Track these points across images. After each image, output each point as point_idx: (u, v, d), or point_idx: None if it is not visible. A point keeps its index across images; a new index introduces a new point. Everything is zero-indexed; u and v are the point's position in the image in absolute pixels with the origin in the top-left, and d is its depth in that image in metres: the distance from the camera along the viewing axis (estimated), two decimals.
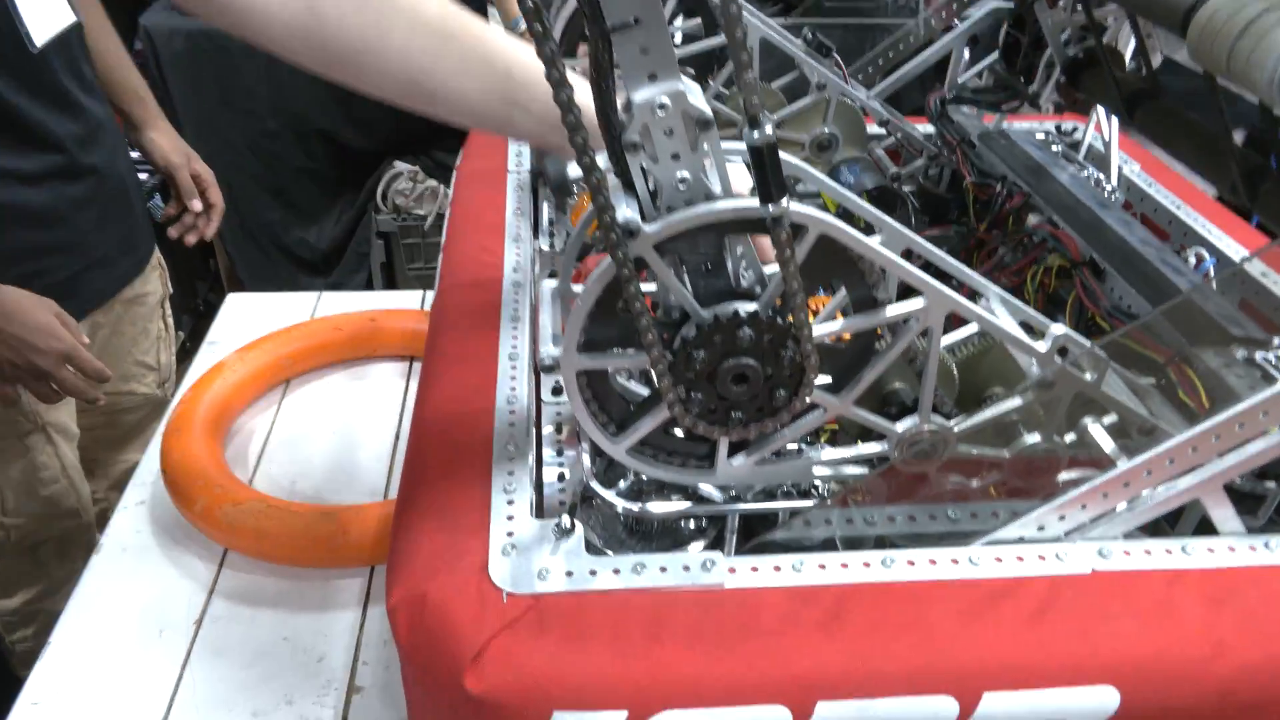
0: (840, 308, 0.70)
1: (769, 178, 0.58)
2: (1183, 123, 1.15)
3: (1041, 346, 0.72)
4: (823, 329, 0.68)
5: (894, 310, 0.68)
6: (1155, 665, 0.67)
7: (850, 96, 1.34)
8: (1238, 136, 1.10)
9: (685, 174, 0.62)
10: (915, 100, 1.51)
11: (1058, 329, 0.72)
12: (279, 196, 2.94)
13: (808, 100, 1.34)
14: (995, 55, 1.44)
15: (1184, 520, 0.80)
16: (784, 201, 0.60)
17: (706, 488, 0.78)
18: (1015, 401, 0.74)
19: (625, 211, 0.61)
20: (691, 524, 0.82)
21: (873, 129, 1.53)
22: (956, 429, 0.75)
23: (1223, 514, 0.76)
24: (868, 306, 0.69)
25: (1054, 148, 1.35)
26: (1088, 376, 0.73)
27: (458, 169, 1.44)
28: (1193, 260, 1.16)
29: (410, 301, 1.73)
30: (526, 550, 0.69)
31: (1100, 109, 1.40)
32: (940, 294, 0.67)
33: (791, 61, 1.38)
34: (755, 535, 0.81)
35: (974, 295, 0.77)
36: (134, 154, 1.59)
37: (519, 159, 1.39)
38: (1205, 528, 0.77)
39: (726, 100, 1.36)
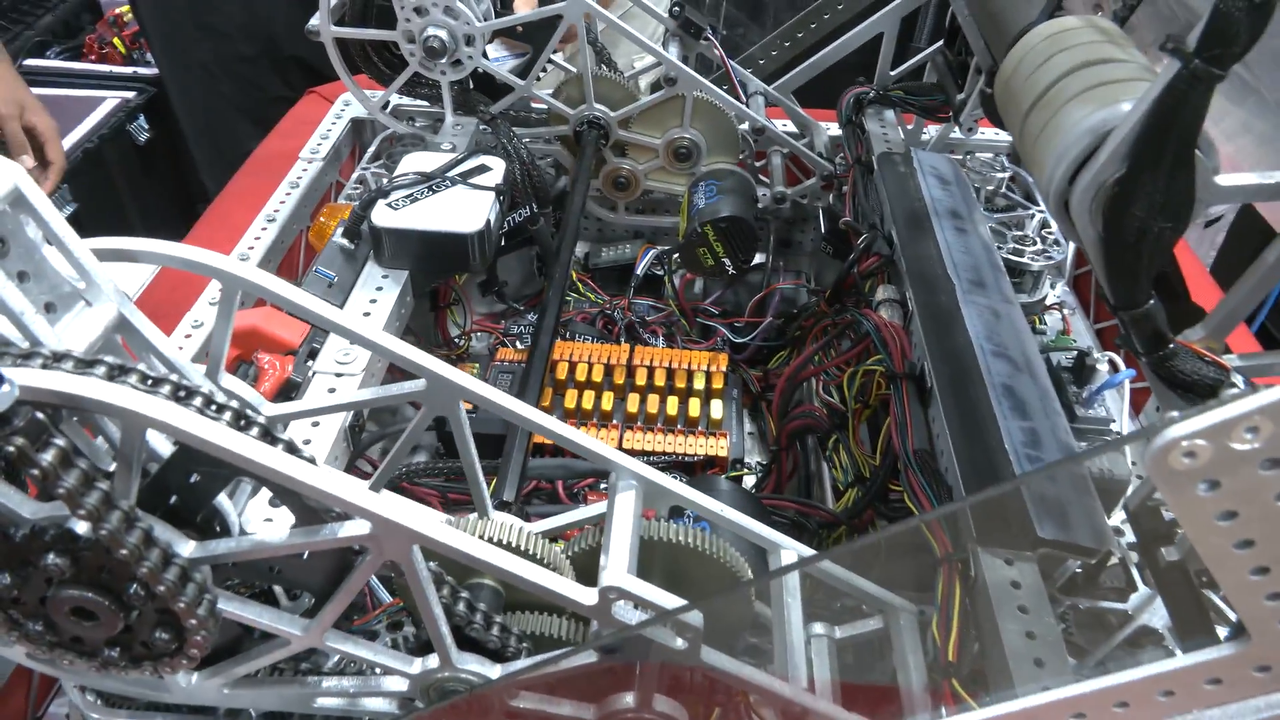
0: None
1: None
2: None
3: (588, 597, 0.47)
4: (225, 546, 0.45)
5: (337, 532, 0.44)
6: None
7: (711, 94, 1.04)
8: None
9: None
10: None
11: (612, 576, 0.46)
12: (260, 125, 2.77)
13: (658, 96, 1.05)
14: (939, 44, 1.10)
15: None
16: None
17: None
18: (571, 661, 0.49)
19: None
20: None
21: (788, 126, 1.22)
22: (500, 677, 0.51)
23: None
24: (308, 519, 0.45)
25: (981, 185, 1.03)
26: (678, 643, 0.47)
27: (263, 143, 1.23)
28: (1104, 369, 0.84)
29: None
30: None
31: None
32: (394, 524, 0.43)
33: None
34: None
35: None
36: None
37: (321, 142, 1.16)
38: None
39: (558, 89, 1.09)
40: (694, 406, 0.98)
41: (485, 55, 1.05)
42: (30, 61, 2.62)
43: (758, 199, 1.08)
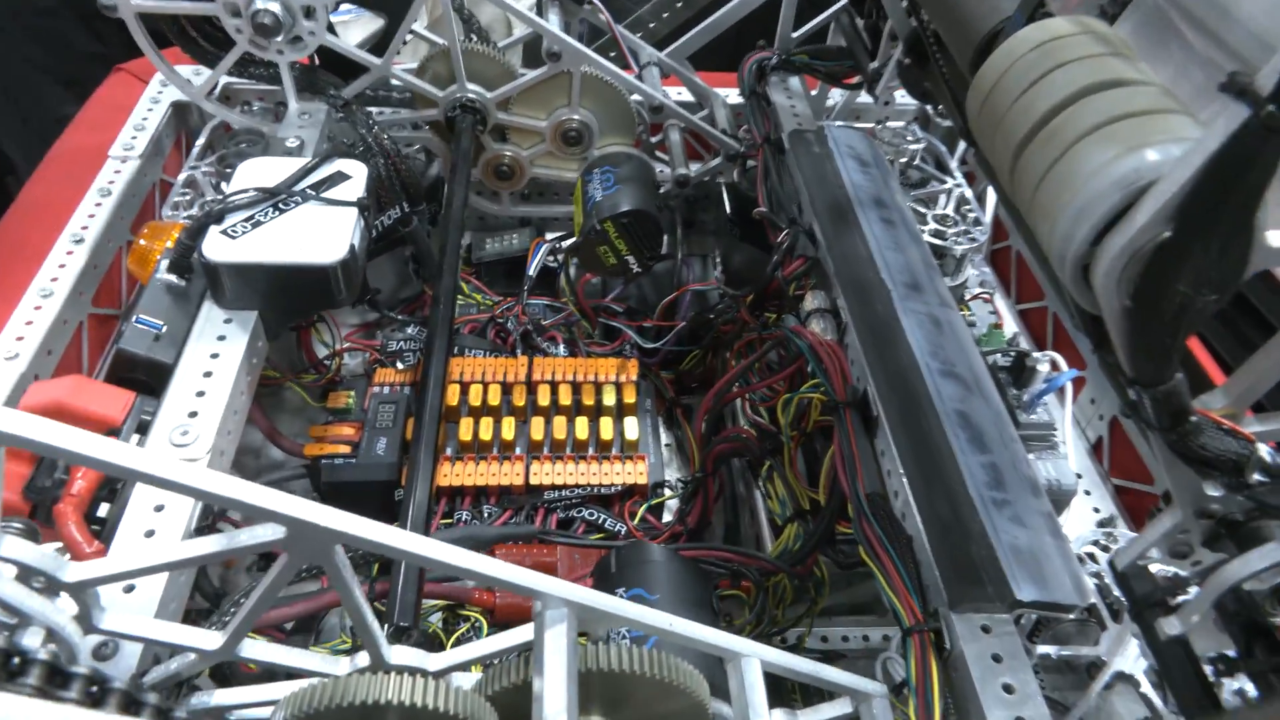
0: None
1: None
2: None
3: None
4: None
5: None
6: None
7: (600, 69, 0.91)
8: None
9: None
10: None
11: None
12: (72, 88, 2.44)
13: (540, 73, 0.91)
14: (843, 2, 1.01)
15: None
16: None
17: None
18: None
19: None
20: None
21: (684, 95, 1.11)
22: None
23: None
24: None
25: (893, 157, 0.95)
26: None
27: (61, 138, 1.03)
28: (1044, 368, 0.78)
29: None
30: None
31: None
32: None
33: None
34: None
35: None
36: None
37: (136, 135, 0.97)
38: None
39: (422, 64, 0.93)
40: (606, 427, 0.88)
41: (331, 29, 0.89)
42: None
43: (659, 185, 0.97)
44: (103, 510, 0.64)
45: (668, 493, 0.89)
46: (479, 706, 0.46)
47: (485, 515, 0.84)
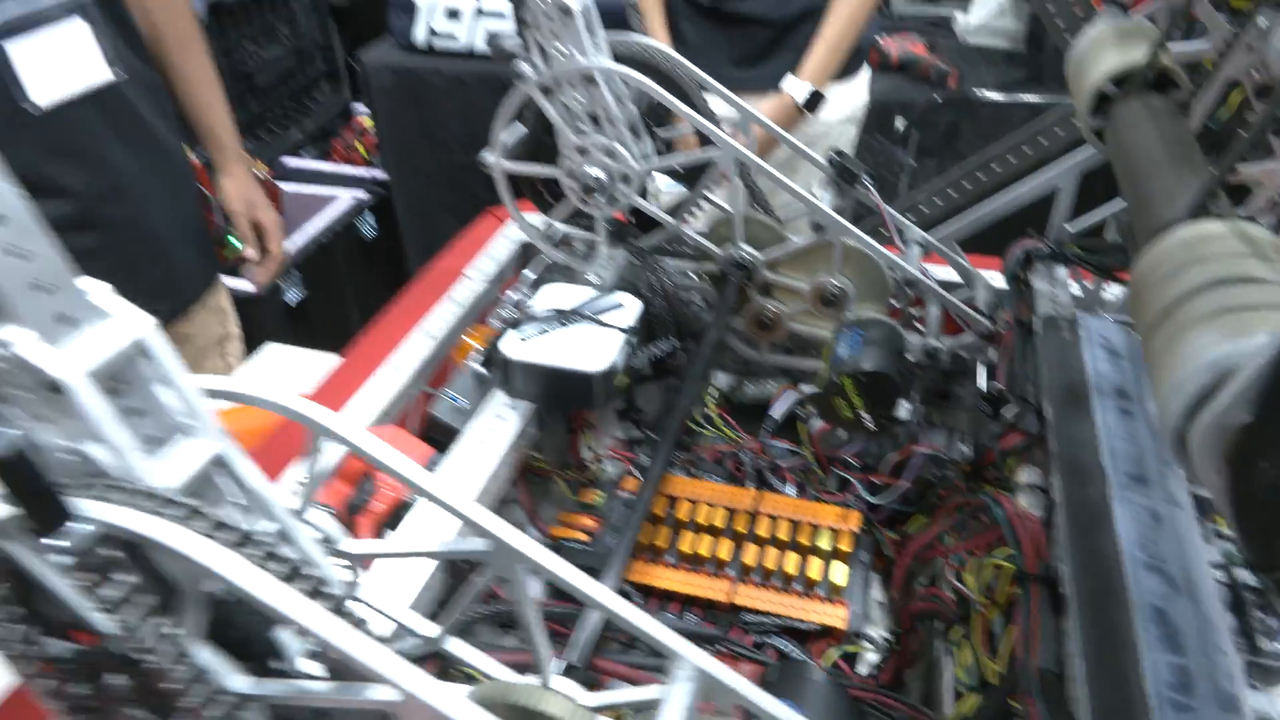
0: None
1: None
2: None
3: None
4: (273, 689, 0.46)
5: (363, 693, 0.45)
6: None
7: (860, 242, 1.01)
8: None
9: (68, 444, 0.45)
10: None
11: None
12: (465, 223, 3.02)
13: (806, 242, 1.03)
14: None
15: None
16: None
17: None
18: None
19: None
20: None
21: (951, 275, 1.17)
22: None
23: None
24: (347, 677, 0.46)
25: None
26: None
27: (436, 258, 1.32)
28: None
29: None
30: None
31: None
32: (419, 701, 0.43)
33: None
34: None
35: None
36: None
37: (488, 262, 1.23)
38: None
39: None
40: (814, 567, 0.92)
41: (643, 193, 1.08)
42: (287, 159, 3.00)
43: (905, 352, 1.03)
44: None
45: (867, 645, 0.90)
46: None
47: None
